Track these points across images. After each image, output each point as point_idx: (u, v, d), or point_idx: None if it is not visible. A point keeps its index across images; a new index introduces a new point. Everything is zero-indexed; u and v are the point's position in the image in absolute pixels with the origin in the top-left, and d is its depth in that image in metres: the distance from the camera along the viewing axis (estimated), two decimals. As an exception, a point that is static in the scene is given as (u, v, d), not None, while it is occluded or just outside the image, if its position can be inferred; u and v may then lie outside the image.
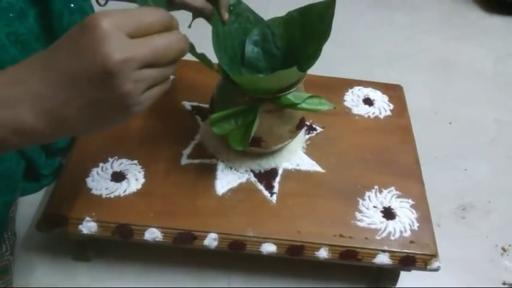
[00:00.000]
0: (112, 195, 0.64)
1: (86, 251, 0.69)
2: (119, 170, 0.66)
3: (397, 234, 0.63)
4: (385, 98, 0.82)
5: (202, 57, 0.59)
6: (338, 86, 0.83)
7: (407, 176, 0.71)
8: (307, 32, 0.61)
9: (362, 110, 0.79)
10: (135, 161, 0.68)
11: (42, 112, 0.37)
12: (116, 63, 0.35)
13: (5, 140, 0.37)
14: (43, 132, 0.38)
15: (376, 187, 0.68)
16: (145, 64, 0.38)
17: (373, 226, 0.64)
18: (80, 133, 0.42)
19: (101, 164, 0.67)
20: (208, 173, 0.68)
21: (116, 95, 0.37)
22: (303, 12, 0.62)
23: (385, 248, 0.62)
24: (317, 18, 0.60)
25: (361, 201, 0.67)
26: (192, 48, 0.56)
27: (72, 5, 0.69)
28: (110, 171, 0.66)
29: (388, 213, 0.66)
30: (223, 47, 0.62)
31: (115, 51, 0.35)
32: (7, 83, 0.37)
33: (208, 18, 0.62)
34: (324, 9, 0.59)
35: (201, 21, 0.63)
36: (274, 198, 0.66)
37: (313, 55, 0.59)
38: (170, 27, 0.40)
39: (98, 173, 0.66)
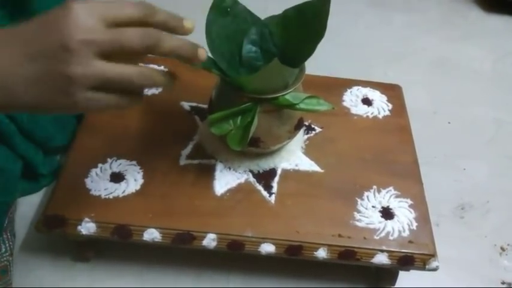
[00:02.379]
0: (111, 196, 0.64)
1: (85, 251, 0.69)
2: (117, 171, 0.66)
3: (396, 234, 0.64)
4: (384, 97, 0.82)
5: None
6: (336, 86, 0.83)
7: (406, 175, 0.71)
8: (303, 30, 0.60)
9: (361, 110, 0.79)
10: (134, 162, 0.68)
11: None
12: (76, 40, 0.35)
13: None
14: None
15: (374, 187, 0.68)
16: (106, 52, 0.37)
17: (371, 226, 0.64)
18: (24, 108, 0.39)
19: (99, 165, 0.67)
20: (207, 173, 0.68)
21: (62, 74, 0.36)
22: (299, 9, 0.61)
23: (384, 247, 0.62)
24: (313, 16, 0.59)
25: (359, 201, 0.67)
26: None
27: None
28: (109, 172, 0.66)
29: (387, 213, 0.66)
30: (220, 52, 0.62)
31: (79, 29, 0.36)
32: None
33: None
34: (320, 6, 0.58)
35: (200, 22, 0.63)
36: (272, 198, 0.66)
37: (308, 53, 0.59)
38: (149, 22, 0.39)
39: (96, 174, 0.66)
